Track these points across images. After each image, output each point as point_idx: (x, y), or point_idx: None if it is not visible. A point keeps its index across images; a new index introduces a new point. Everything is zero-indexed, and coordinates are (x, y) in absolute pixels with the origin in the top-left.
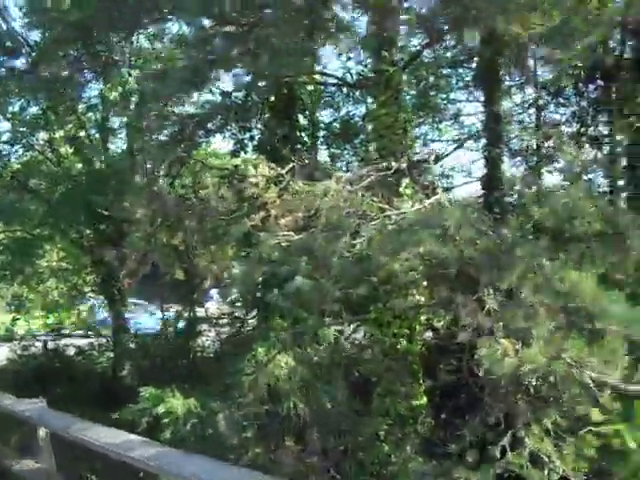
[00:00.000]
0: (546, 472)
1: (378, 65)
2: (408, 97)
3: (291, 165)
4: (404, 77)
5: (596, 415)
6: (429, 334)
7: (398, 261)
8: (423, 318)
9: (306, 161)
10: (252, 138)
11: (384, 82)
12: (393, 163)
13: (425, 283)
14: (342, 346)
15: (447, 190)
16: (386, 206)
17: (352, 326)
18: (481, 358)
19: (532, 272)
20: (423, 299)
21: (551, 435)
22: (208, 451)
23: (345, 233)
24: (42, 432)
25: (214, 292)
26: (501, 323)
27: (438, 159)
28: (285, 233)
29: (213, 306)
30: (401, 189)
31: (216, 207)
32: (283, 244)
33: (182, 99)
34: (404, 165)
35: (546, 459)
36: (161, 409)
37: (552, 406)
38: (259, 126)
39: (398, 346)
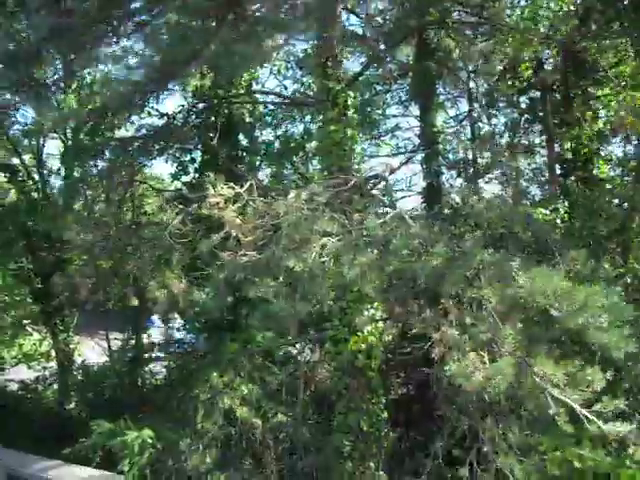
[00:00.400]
0: None
1: (322, 83)
2: (350, 113)
3: (248, 184)
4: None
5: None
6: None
7: (363, 276)
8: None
9: (258, 181)
10: (193, 160)
11: (332, 99)
12: (342, 179)
13: (382, 297)
14: (299, 365)
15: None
16: (345, 221)
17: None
18: (451, 373)
19: (494, 277)
20: (379, 314)
21: (516, 452)
22: None
23: (311, 249)
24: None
25: (155, 318)
26: (466, 335)
27: (392, 172)
28: (247, 252)
29: (155, 332)
30: (356, 205)
31: (167, 231)
32: (246, 264)
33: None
34: (356, 180)
35: (511, 478)
36: (115, 442)
37: (517, 422)
38: (200, 147)
39: (356, 362)
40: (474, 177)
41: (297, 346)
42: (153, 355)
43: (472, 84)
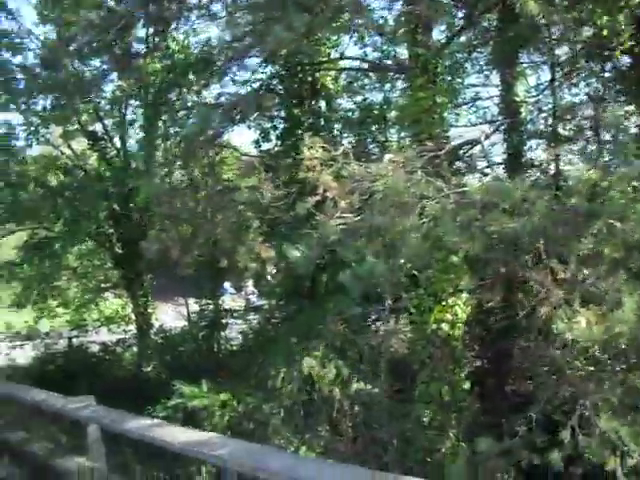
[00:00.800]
0: (619, 457)
1: (412, 49)
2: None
3: (343, 147)
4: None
5: None
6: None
7: (464, 239)
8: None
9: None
10: (275, 127)
11: (421, 66)
12: (435, 145)
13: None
14: (379, 333)
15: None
16: (443, 185)
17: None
18: (561, 331)
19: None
20: (464, 283)
21: (621, 415)
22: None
23: (411, 212)
24: (92, 430)
25: (227, 285)
26: (577, 293)
27: (487, 138)
28: (343, 215)
29: (227, 299)
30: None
31: (248, 197)
32: (342, 227)
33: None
34: (450, 146)
35: (619, 442)
36: (197, 404)
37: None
38: (282, 115)
39: (440, 332)
40: (556, 148)
41: (377, 314)
42: (229, 321)
43: (556, 51)
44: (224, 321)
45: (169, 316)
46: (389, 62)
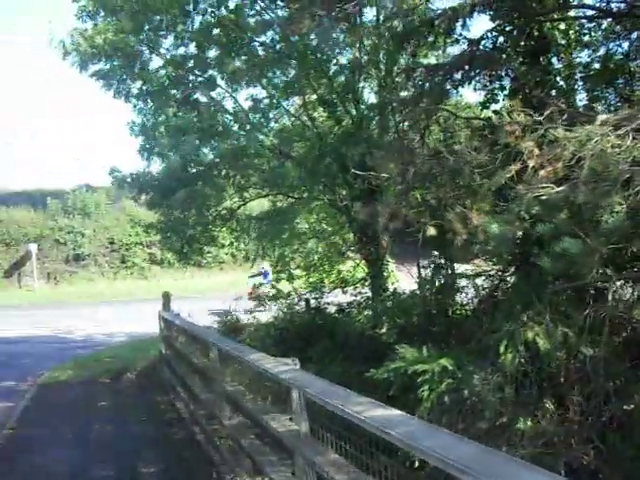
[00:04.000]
0: None
1: None
2: None
3: (548, 111)
4: None
5: None
6: None
7: None
8: None
9: (563, 106)
10: (503, 87)
11: None
12: None
13: None
14: (608, 304)
15: None
16: None
17: (618, 283)
18: None
19: None
20: None
21: None
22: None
23: (615, 184)
24: (295, 394)
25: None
26: None
27: None
28: (544, 185)
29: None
30: None
31: (469, 161)
32: (542, 198)
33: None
34: None
35: None
36: (416, 368)
37: None
38: (510, 74)
39: None
40: None
41: (609, 284)
42: (463, 284)
43: None
44: (457, 285)
45: (405, 280)
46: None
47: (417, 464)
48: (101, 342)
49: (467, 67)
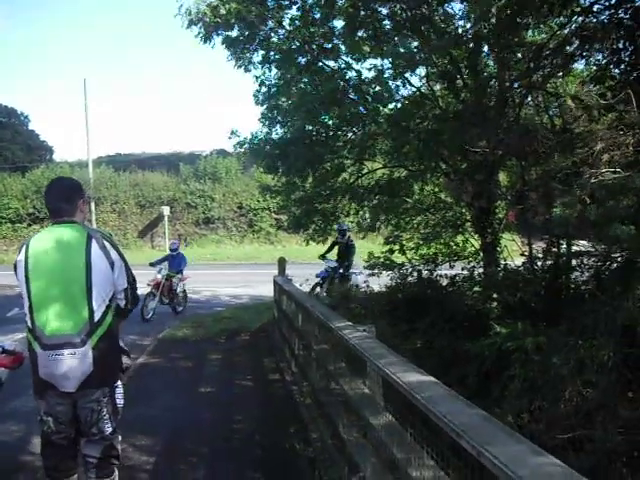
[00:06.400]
0: None
1: None
2: None
3: (622, 93)
4: None
5: None
6: None
7: None
8: None
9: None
10: (620, 61)
11: None
12: None
13: None
14: None
15: None
16: None
17: None
18: None
19: None
20: None
21: None
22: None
23: None
24: (367, 362)
25: None
26: None
27: None
28: (609, 170)
29: None
30: None
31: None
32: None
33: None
34: None
35: None
36: (510, 344)
37: None
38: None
39: None
40: None
41: None
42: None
43: None
44: (572, 263)
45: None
46: None
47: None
48: (223, 303)
49: (581, 42)
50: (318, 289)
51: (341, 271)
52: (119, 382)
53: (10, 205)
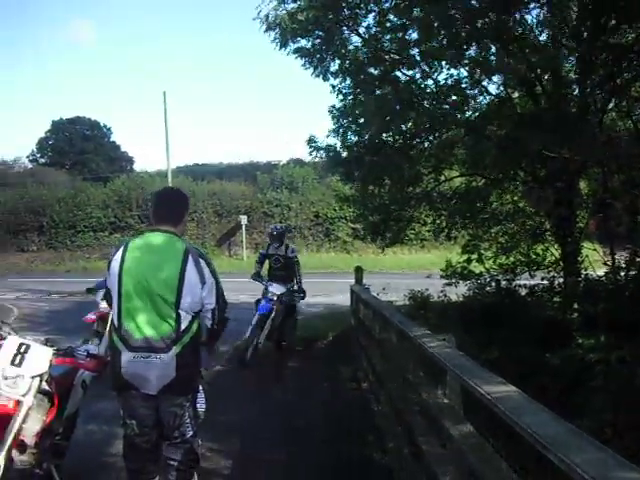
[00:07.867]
0: None
1: None
2: None
3: None
4: None
5: None
6: None
7: None
8: None
9: None
10: None
11: None
12: None
13: None
14: None
15: None
16: None
17: None
18: None
19: None
20: None
21: None
22: None
23: None
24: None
25: None
26: None
27: None
28: None
29: None
30: None
31: None
32: None
33: None
34: None
35: None
36: (592, 356)
37: None
38: None
39: None
40: None
41: None
42: None
43: None
44: None
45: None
46: None
47: None
48: (300, 311)
49: None
50: (255, 340)
51: (284, 299)
52: (200, 387)
53: (93, 214)
